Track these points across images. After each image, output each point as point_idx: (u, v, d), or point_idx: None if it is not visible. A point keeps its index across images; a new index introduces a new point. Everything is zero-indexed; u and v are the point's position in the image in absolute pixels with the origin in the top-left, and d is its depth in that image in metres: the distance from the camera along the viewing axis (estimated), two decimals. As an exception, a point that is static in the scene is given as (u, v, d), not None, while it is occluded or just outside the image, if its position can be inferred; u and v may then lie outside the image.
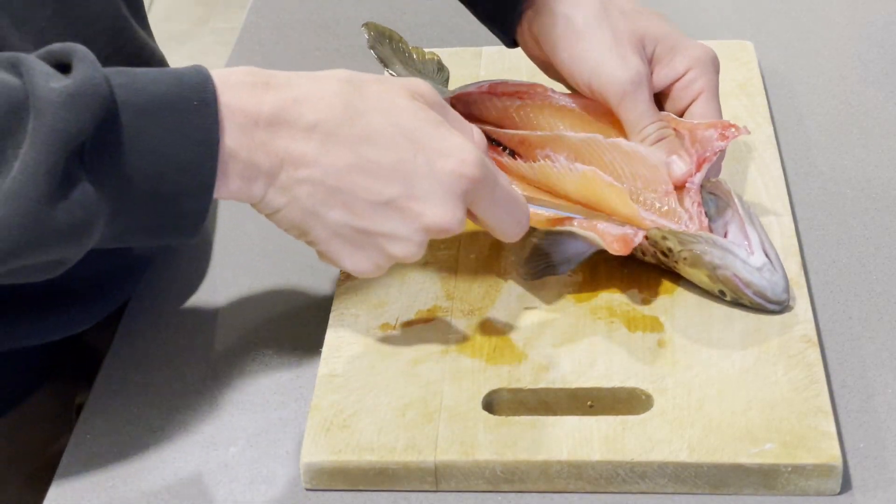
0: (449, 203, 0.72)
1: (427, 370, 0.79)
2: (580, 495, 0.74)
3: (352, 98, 0.71)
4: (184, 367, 0.84)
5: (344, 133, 0.71)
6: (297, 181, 0.71)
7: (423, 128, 0.72)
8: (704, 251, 0.80)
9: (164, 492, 0.76)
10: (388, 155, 0.71)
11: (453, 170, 0.72)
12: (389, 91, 0.73)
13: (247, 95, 0.69)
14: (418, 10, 1.19)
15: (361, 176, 0.71)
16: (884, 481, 0.73)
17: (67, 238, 0.67)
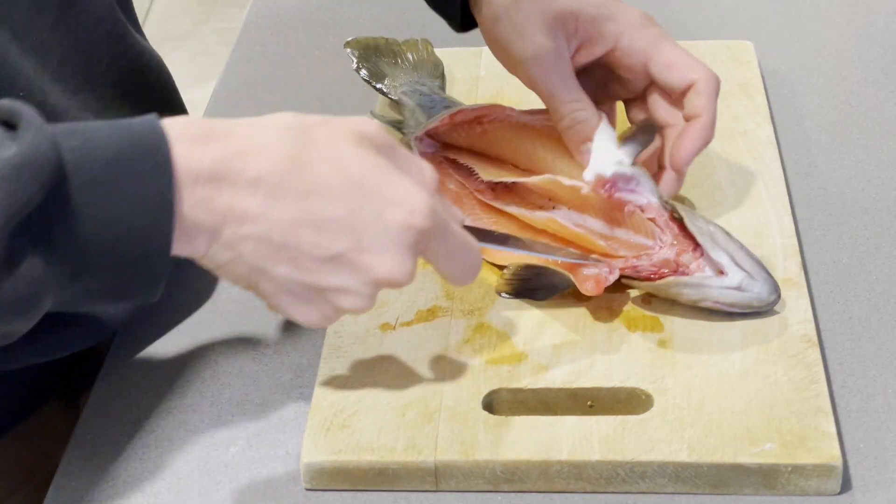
0: (398, 255, 0.69)
1: (427, 370, 0.79)
2: (580, 495, 0.74)
3: (296, 147, 0.68)
4: (184, 367, 0.84)
5: (288, 186, 0.67)
6: (241, 238, 0.68)
7: (371, 176, 0.68)
8: (679, 293, 0.80)
9: (165, 492, 0.76)
10: (335, 208, 0.68)
11: (402, 221, 0.68)
12: (336, 137, 0.69)
13: (186, 150, 0.66)
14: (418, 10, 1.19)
15: (308, 231, 0.68)
16: (884, 481, 0.73)
17: (12, 313, 0.64)
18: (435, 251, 0.71)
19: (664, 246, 0.81)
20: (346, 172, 0.68)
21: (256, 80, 1.12)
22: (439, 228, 0.70)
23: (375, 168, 0.69)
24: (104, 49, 0.85)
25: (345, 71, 1.12)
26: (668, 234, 0.82)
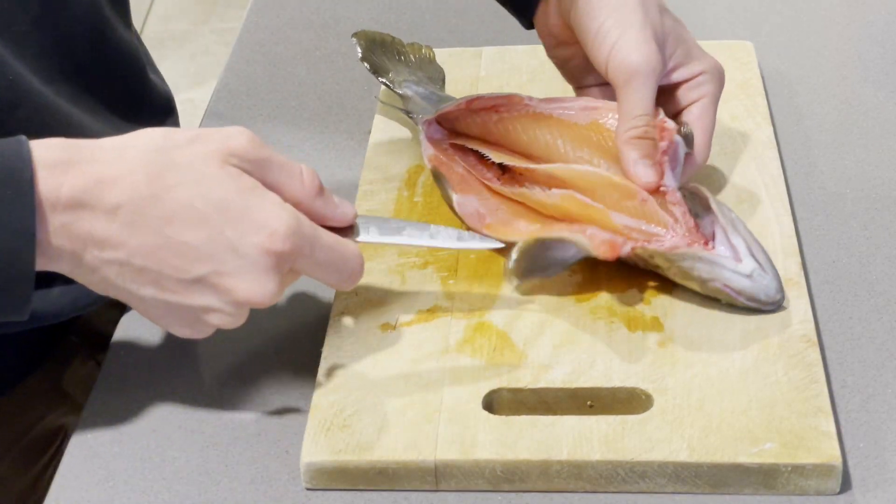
0: (260, 278, 0.70)
1: (427, 370, 0.79)
2: (580, 495, 0.74)
3: (158, 172, 0.69)
4: (184, 367, 0.84)
5: (148, 213, 0.69)
6: (104, 262, 0.70)
7: (232, 200, 0.70)
8: (692, 267, 0.80)
9: (165, 492, 0.76)
10: (194, 233, 0.69)
11: (261, 244, 0.70)
12: (201, 158, 0.70)
13: (46, 177, 0.67)
14: (418, 10, 1.19)
15: (168, 255, 0.70)
16: (884, 481, 0.74)
17: None
18: (303, 267, 0.73)
19: (676, 235, 0.81)
20: (205, 197, 0.69)
21: (256, 80, 1.12)
22: (303, 247, 0.71)
23: (237, 191, 0.70)
24: (83, 45, 0.86)
25: (345, 71, 1.12)
26: (682, 226, 0.82)
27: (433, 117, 0.93)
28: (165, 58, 2.84)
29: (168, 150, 0.70)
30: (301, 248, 0.71)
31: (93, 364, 0.98)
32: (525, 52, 1.07)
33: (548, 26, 0.93)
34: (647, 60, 0.85)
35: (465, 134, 0.93)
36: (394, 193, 0.93)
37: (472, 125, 0.92)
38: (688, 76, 0.89)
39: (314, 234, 0.72)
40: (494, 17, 1.14)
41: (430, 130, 0.93)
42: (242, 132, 0.72)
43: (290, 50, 1.16)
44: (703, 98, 0.88)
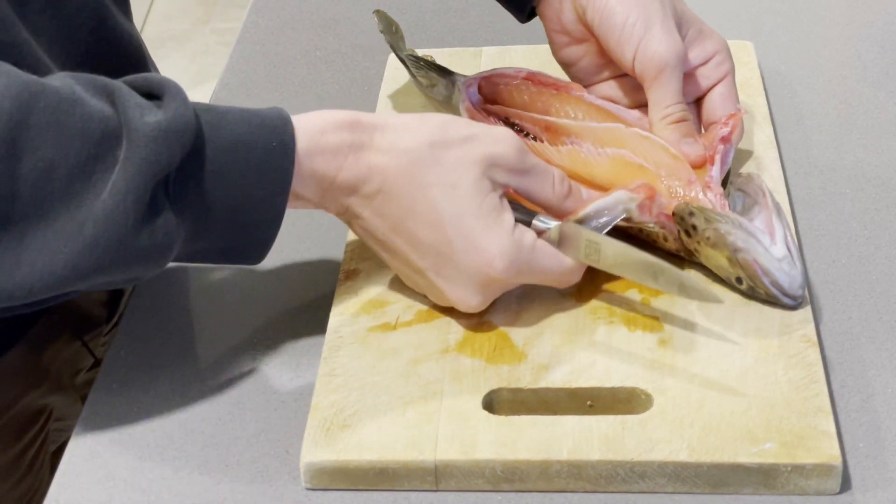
0: (469, 292, 0.79)
1: (427, 370, 0.79)
2: (580, 495, 0.74)
3: (422, 168, 0.77)
4: (184, 367, 0.84)
5: (399, 202, 0.78)
6: (359, 224, 0.80)
7: (471, 216, 0.77)
8: (729, 231, 0.80)
9: (165, 492, 0.76)
10: (427, 233, 0.78)
11: (478, 267, 0.78)
12: (465, 163, 0.77)
13: (328, 161, 0.77)
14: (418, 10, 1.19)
15: (401, 241, 0.79)
16: (884, 481, 0.74)
17: (147, 259, 0.73)
18: (519, 283, 0.81)
19: None
20: (450, 204, 0.77)
21: (256, 80, 1.12)
22: (516, 274, 0.78)
23: (478, 208, 0.77)
24: (85, 32, 0.87)
25: (344, 71, 1.12)
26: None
27: (477, 78, 0.95)
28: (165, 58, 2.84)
29: (440, 146, 0.78)
30: (514, 275, 0.78)
31: (79, 344, 0.98)
32: (525, 52, 1.07)
33: (561, 23, 0.93)
34: (675, 53, 0.88)
35: (504, 102, 0.95)
36: (394, 193, 0.93)
37: (517, 95, 0.93)
38: (704, 58, 0.92)
39: (532, 261, 0.79)
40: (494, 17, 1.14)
41: (469, 92, 0.95)
42: (511, 138, 0.80)
43: (290, 50, 1.16)
44: (726, 77, 0.91)
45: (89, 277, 0.71)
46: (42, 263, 0.69)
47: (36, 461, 0.97)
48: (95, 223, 0.69)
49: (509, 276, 0.78)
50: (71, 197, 0.69)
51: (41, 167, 0.69)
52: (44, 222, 0.69)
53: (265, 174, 0.74)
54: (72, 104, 0.70)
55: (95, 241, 0.70)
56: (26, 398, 0.94)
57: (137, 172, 0.70)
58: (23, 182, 0.68)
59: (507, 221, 0.78)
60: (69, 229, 0.69)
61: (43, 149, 0.69)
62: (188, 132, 0.71)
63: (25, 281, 0.70)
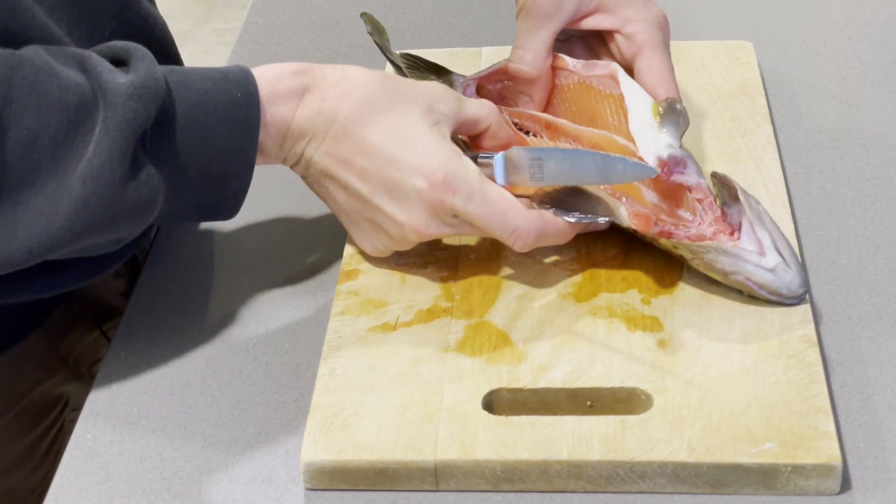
0: (416, 213, 0.80)
1: (427, 370, 0.79)
2: (580, 495, 0.74)
3: (371, 99, 0.81)
4: (184, 367, 0.84)
5: (350, 131, 0.80)
6: (314, 165, 0.82)
7: (414, 140, 0.80)
8: (715, 259, 0.80)
9: (164, 492, 0.76)
10: (375, 158, 0.80)
11: (420, 184, 0.79)
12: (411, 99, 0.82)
13: (284, 104, 0.80)
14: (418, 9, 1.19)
15: (352, 169, 0.81)
16: (884, 481, 0.73)
17: (134, 215, 0.75)
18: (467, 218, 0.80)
19: (703, 223, 0.82)
20: (396, 131, 0.80)
21: (256, 80, 1.12)
22: (461, 195, 0.79)
23: (423, 134, 0.80)
24: (108, 16, 0.88)
25: (345, 71, 1.12)
26: (709, 214, 0.82)
27: (475, 78, 0.96)
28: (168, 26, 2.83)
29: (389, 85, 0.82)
30: (456, 198, 0.79)
31: (98, 334, 0.98)
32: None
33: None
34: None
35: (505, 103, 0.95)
36: (394, 193, 0.93)
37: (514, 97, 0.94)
38: (615, 25, 0.92)
39: (476, 186, 0.80)
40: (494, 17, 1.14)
41: (467, 93, 0.96)
42: (441, 86, 0.85)
43: (290, 50, 1.16)
44: (646, 46, 0.91)
45: (83, 236, 0.74)
46: (38, 228, 0.72)
47: (52, 450, 0.97)
48: (84, 182, 0.72)
49: (452, 195, 0.79)
50: (57, 163, 0.72)
51: (25, 137, 0.71)
52: (34, 189, 0.72)
53: (234, 125, 0.77)
54: (47, 74, 0.73)
55: (85, 199, 0.72)
56: (43, 386, 0.95)
57: (118, 130, 0.72)
58: (10, 154, 0.71)
59: (453, 147, 0.81)
60: (59, 193, 0.72)
61: (25, 120, 0.71)
62: (159, 89, 0.74)
63: (24, 245, 0.72)
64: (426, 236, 0.82)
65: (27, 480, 0.96)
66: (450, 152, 0.80)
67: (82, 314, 0.97)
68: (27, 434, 0.95)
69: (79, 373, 0.98)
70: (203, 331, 0.87)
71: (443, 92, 0.84)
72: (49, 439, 0.97)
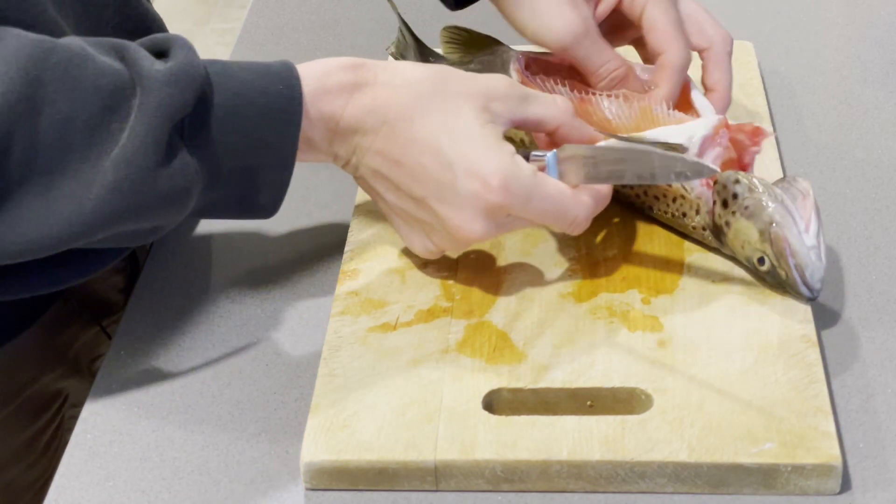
0: (470, 216, 0.78)
1: (427, 370, 0.79)
2: (580, 495, 0.74)
3: (423, 98, 0.79)
4: (184, 367, 0.84)
5: (401, 132, 0.79)
6: (364, 166, 0.81)
7: (468, 141, 0.78)
8: (769, 204, 0.80)
9: (164, 492, 0.76)
10: (428, 159, 0.79)
11: (475, 189, 0.78)
12: (463, 95, 0.79)
13: (333, 100, 0.79)
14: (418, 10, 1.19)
15: (404, 171, 0.80)
16: (884, 481, 0.74)
17: (168, 203, 0.75)
18: (523, 213, 0.79)
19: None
20: (450, 131, 0.79)
21: (256, 80, 1.12)
22: (515, 200, 0.78)
23: (477, 135, 0.78)
24: (111, 12, 0.88)
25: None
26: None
27: (530, 55, 0.95)
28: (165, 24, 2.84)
29: (441, 80, 0.80)
30: (515, 198, 0.78)
31: (98, 330, 0.98)
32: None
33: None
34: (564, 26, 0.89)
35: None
36: (394, 193, 0.93)
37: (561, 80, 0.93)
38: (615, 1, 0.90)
39: (532, 187, 0.78)
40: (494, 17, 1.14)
41: (519, 63, 0.95)
42: (503, 77, 0.82)
43: (290, 50, 1.16)
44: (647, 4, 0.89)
45: (115, 223, 0.73)
46: (69, 212, 0.72)
47: (51, 445, 0.97)
48: (116, 168, 0.72)
49: (509, 198, 0.78)
50: (90, 147, 0.72)
51: (59, 121, 0.71)
52: (67, 173, 0.71)
53: (274, 116, 0.76)
54: (83, 59, 0.72)
55: (118, 184, 0.72)
56: (42, 381, 0.95)
57: (154, 116, 0.72)
58: (43, 136, 0.71)
59: (507, 148, 0.79)
60: (92, 177, 0.72)
61: (59, 103, 0.71)
62: (198, 76, 0.74)
63: (55, 231, 0.72)
64: (480, 239, 0.80)
65: (26, 475, 0.96)
66: (503, 153, 0.78)
67: (81, 310, 0.97)
68: (26, 429, 0.95)
69: (78, 369, 0.98)
70: (203, 331, 0.87)
71: (505, 88, 0.81)
72: (48, 435, 0.97)
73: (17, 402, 0.94)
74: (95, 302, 0.98)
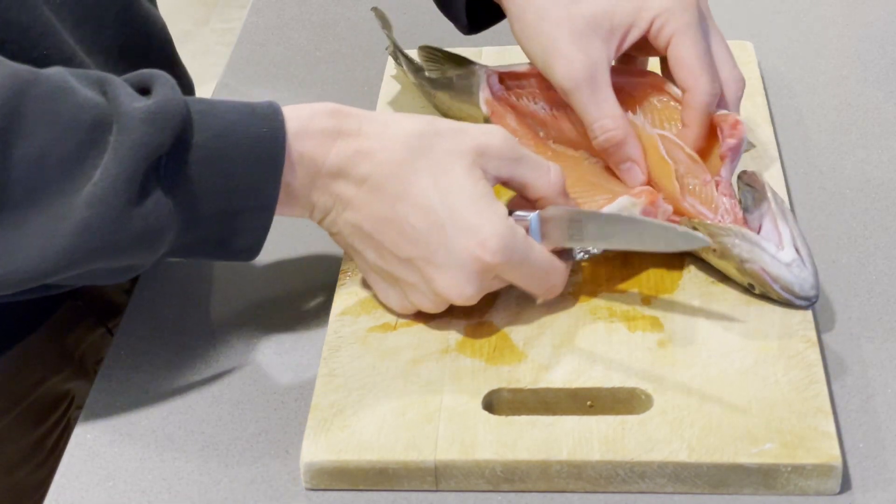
0: (460, 278, 0.77)
1: (427, 370, 0.79)
2: (580, 495, 0.74)
3: (412, 153, 0.77)
4: (184, 367, 0.84)
5: (388, 187, 0.76)
6: (344, 220, 0.79)
7: (462, 201, 0.76)
8: (733, 244, 0.80)
9: (165, 492, 0.76)
10: (418, 218, 0.76)
11: (471, 251, 0.76)
12: (455, 152, 0.77)
13: (317, 144, 0.76)
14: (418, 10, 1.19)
15: (391, 229, 0.77)
16: (884, 481, 0.74)
17: (140, 243, 0.72)
18: (509, 277, 0.78)
19: (722, 221, 0.82)
20: (441, 190, 0.76)
21: (256, 80, 1.12)
22: (510, 262, 0.76)
23: (470, 194, 0.76)
24: (111, 16, 0.88)
25: (344, 71, 1.12)
26: (730, 215, 0.82)
27: (500, 70, 0.94)
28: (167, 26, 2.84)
29: (429, 135, 0.77)
30: (509, 262, 0.77)
31: (104, 331, 0.99)
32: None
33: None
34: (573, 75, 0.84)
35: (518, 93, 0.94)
36: (394, 193, 0.93)
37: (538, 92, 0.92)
38: (642, 32, 0.86)
39: (525, 251, 0.77)
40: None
41: (491, 80, 0.94)
42: (501, 131, 0.79)
43: (290, 50, 1.16)
44: (673, 37, 0.85)
45: (86, 261, 0.71)
46: (38, 248, 0.70)
47: (57, 447, 0.98)
48: (88, 205, 0.70)
49: (502, 260, 0.76)
50: (63, 183, 0.70)
51: (34, 154, 0.69)
52: (37, 208, 0.69)
53: (256, 160, 0.74)
54: (63, 92, 0.70)
55: (88, 223, 0.70)
56: (48, 383, 0.95)
57: (128, 155, 0.70)
58: (16, 170, 0.69)
59: (500, 208, 0.77)
60: (62, 213, 0.70)
61: (35, 136, 0.69)
62: (178, 115, 0.71)
63: (25, 266, 0.70)
64: (467, 302, 0.78)
65: (33, 476, 0.96)
66: (499, 215, 0.76)
67: (87, 311, 0.97)
68: (33, 430, 0.96)
69: (84, 370, 0.98)
70: (203, 331, 0.87)
71: (498, 145, 0.78)
72: (55, 436, 0.97)
73: (25, 403, 0.94)
74: (101, 303, 0.98)
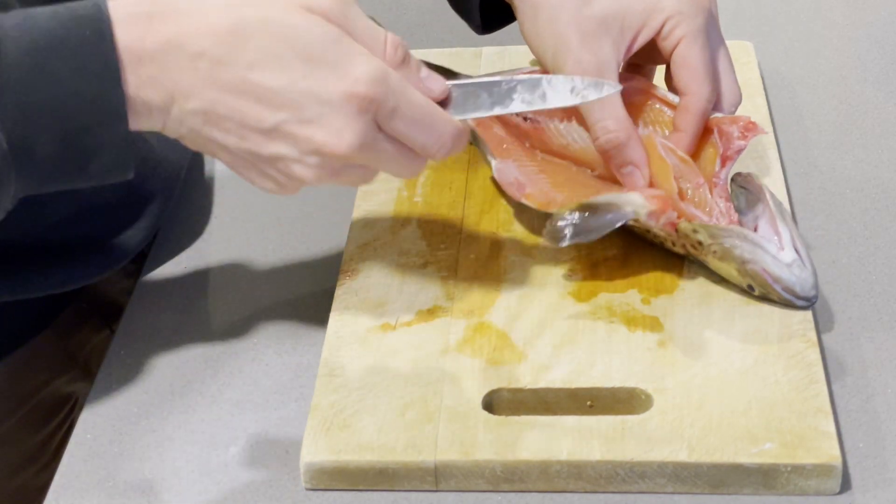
0: (340, 123, 0.69)
1: (427, 370, 0.79)
2: (580, 495, 0.74)
3: (239, 21, 0.68)
4: (184, 367, 0.84)
5: (231, 59, 0.68)
6: (189, 113, 0.69)
7: (316, 46, 0.68)
8: (735, 245, 0.80)
9: (165, 492, 0.76)
10: (276, 79, 0.68)
11: (344, 90, 0.68)
12: (281, 8, 0.69)
13: (129, 31, 0.67)
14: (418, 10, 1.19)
15: (249, 102, 0.69)
16: (883, 481, 0.74)
17: None
18: (391, 122, 0.70)
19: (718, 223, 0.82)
20: (290, 43, 0.68)
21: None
22: (388, 97, 0.69)
23: (322, 38, 0.68)
24: None
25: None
26: (725, 218, 0.82)
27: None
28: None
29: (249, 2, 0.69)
30: (386, 97, 0.69)
31: (108, 333, 0.99)
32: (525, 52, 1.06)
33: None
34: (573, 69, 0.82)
35: None
36: (393, 194, 0.93)
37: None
38: (653, 32, 0.84)
39: (403, 88, 0.70)
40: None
41: None
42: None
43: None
44: (682, 40, 0.83)
45: None
46: None
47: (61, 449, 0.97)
48: None
49: (379, 93, 0.68)
50: None
51: None
52: None
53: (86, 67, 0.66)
54: None
55: None
56: (53, 385, 0.95)
57: None
58: None
59: (359, 46, 0.70)
60: None
61: None
62: None
63: None
64: (351, 150, 0.69)
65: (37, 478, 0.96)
66: (364, 53, 0.69)
67: (91, 313, 0.97)
68: (37, 432, 0.96)
69: (88, 372, 0.98)
70: (203, 331, 0.87)
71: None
72: (59, 438, 0.97)
73: (30, 405, 0.94)
74: (106, 305, 0.98)
